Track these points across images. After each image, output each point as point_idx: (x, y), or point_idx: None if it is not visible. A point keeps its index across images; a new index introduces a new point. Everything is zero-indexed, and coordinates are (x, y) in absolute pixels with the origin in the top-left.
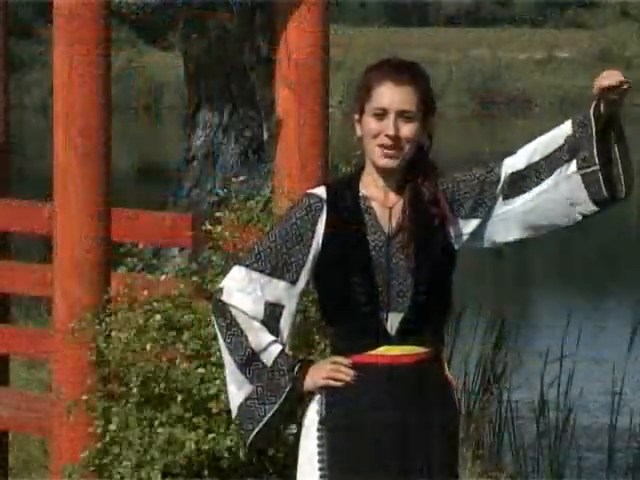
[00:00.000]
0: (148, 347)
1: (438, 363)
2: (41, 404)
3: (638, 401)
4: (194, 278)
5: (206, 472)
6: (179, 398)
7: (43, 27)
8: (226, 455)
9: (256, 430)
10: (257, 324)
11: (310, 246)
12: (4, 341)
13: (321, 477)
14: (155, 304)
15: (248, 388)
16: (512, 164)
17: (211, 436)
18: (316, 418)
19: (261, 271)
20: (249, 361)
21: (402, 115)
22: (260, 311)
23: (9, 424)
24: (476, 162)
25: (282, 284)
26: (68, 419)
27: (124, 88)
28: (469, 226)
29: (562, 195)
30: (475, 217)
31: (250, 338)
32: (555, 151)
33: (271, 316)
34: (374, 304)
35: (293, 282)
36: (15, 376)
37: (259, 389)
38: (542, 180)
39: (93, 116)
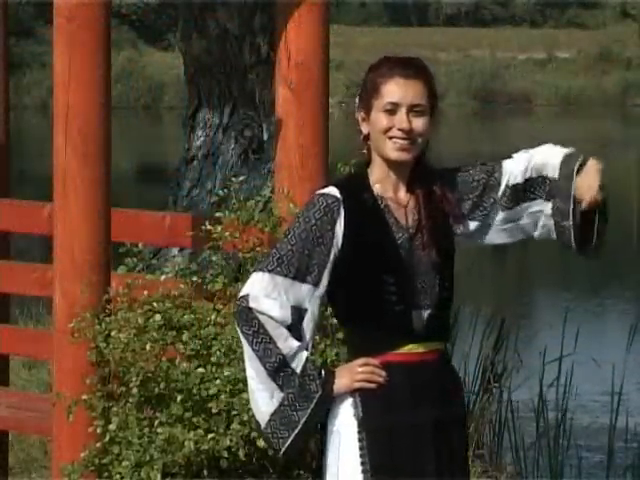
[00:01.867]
0: (148, 347)
1: (448, 356)
2: (41, 404)
3: (637, 401)
4: (194, 278)
5: (205, 472)
6: (179, 398)
7: (43, 27)
8: (226, 455)
9: (292, 437)
10: (284, 330)
11: (331, 247)
12: (4, 341)
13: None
14: (155, 304)
15: (279, 395)
16: (512, 172)
17: (211, 436)
18: (354, 421)
19: (285, 275)
20: (280, 368)
21: (413, 109)
22: (287, 316)
23: (9, 424)
24: (474, 159)
25: (305, 287)
26: (68, 419)
27: (124, 88)
28: (466, 226)
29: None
30: (473, 219)
31: (279, 344)
32: (541, 178)
33: (296, 320)
34: (405, 303)
35: (315, 284)
36: (15, 376)
37: (290, 396)
38: (535, 199)
39: (93, 116)
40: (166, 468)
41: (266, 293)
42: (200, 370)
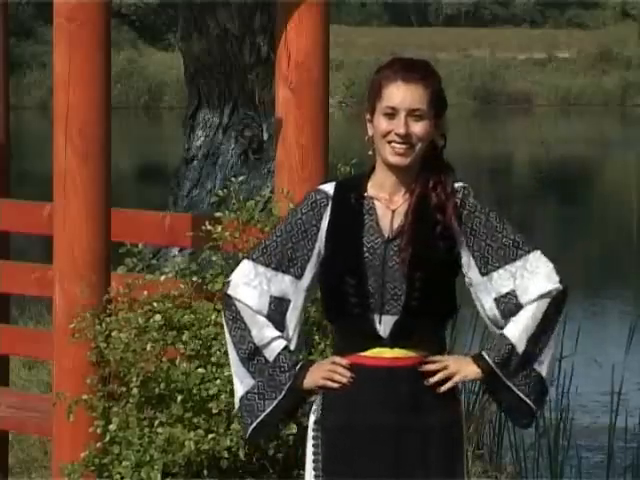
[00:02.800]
0: (148, 347)
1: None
2: (41, 404)
3: (637, 401)
4: (194, 278)
5: (205, 472)
6: (179, 398)
7: (43, 27)
8: (226, 455)
9: (254, 425)
10: (262, 319)
11: (315, 242)
12: (4, 341)
13: (315, 477)
14: (155, 304)
15: (249, 382)
16: (526, 283)
17: (211, 436)
18: (313, 419)
19: (267, 265)
20: (252, 355)
21: (412, 114)
22: (265, 305)
23: (9, 424)
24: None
25: (287, 278)
26: (68, 419)
27: (124, 88)
28: (468, 259)
29: None
30: (473, 256)
31: (254, 333)
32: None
33: (276, 310)
34: (366, 306)
35: (298, 277)
36: (15, 376)
37: (260, 384)
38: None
39: (93, 116)
40: (166, 468)
41: (246, 281)
42: (200, 370)
